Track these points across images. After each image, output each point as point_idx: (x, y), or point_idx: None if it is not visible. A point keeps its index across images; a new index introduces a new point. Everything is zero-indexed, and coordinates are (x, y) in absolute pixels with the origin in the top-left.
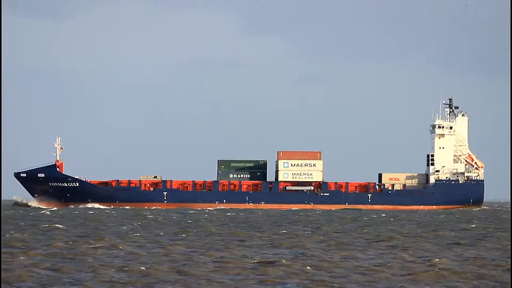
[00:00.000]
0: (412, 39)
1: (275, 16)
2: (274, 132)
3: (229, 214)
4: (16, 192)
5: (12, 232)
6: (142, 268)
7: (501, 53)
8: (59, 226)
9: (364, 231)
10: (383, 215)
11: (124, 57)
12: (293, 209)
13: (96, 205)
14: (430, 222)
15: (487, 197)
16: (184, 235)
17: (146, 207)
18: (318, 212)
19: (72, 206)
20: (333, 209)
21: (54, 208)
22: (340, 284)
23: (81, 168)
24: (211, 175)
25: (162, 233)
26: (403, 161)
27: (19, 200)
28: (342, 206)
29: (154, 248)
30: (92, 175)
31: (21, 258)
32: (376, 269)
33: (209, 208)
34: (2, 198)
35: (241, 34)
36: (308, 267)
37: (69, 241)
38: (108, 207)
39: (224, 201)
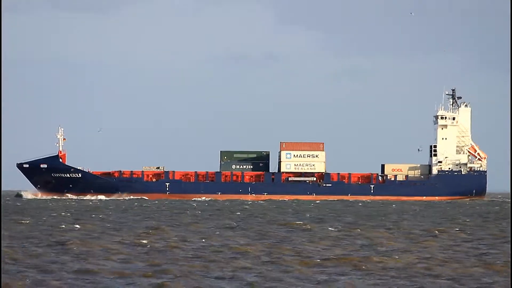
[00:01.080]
0: (414, 31)
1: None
2: (277, 123)
3: (275, 206)
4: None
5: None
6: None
7: (504, 44)
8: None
9: (430, 222)
10: (416, 206)
11: (130, 51)
12: (296, 199)
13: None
14: (480, 212)
15: (490, 188)
16: (256, 227)
17: (150, 198)
18: (360, 204)
19: (119, 198)
20: (335, 199)
21: (95, 198)
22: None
23: (83, 159)
24: (213, 166)
25: (223, 225)
26: (406, 152)
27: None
28: (345, 197)
29: (226, 240)
30: (95, 166)
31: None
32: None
33: (259, 200)
34: (6, 188)
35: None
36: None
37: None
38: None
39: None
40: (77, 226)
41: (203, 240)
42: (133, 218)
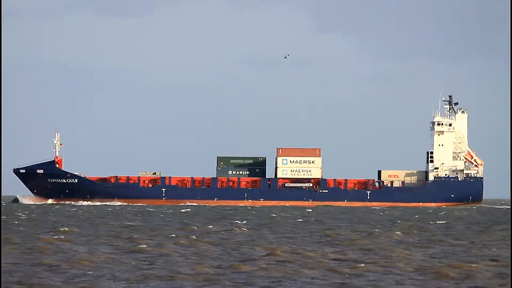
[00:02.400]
0: (412, 36)
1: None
2: (274, 129)
3: (322, 212)
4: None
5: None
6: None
7: (502, 50)
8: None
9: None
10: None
11: (128, 55)
12: (293, 206)
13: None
14: None
15: (486, 194)
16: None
17: (146, 203)
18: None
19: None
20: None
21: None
22: None
23: (80, 164)
24: (210, 172)
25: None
26: (403, 158)
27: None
28: (341, 203)
29: (295, 249)
30: (91, 171)
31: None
32: None
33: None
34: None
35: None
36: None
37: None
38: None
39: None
40: (139, 233)
41: (274, 246)
42: (199, 222)
